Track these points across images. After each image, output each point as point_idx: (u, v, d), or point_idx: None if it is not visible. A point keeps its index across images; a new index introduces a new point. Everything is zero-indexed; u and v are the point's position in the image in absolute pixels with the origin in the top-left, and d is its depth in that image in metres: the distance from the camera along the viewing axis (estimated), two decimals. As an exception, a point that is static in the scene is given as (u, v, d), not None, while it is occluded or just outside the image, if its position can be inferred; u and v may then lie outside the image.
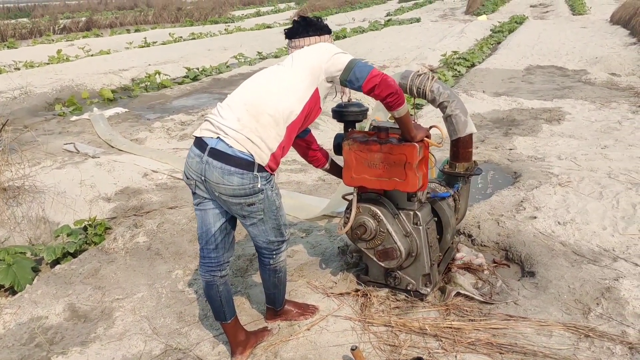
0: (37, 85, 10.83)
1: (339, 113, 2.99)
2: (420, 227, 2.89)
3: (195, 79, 11.42)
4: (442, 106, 3.29)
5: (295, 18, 2.68)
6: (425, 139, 2.78)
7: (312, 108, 2.50)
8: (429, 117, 7.38)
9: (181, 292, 3.44)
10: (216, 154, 2.34)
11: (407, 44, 16.91)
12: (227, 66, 12.87)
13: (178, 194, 5.06)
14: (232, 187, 2.34)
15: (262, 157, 2.37)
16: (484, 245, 3.75)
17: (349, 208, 3.01)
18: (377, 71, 2.41)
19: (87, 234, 4.39)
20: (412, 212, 2.90)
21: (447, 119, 3.30)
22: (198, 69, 12.16)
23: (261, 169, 2.38)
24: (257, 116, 2.36)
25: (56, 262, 4.07)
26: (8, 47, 18.06)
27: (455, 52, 13.17)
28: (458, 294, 3.02)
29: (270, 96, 2.40)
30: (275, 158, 2.43)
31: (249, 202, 2.40)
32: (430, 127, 3.01)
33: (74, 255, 4.12)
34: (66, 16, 31.28)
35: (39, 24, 24.24)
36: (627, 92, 8.63)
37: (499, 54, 13.39)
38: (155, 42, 17.86)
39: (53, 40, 20.00)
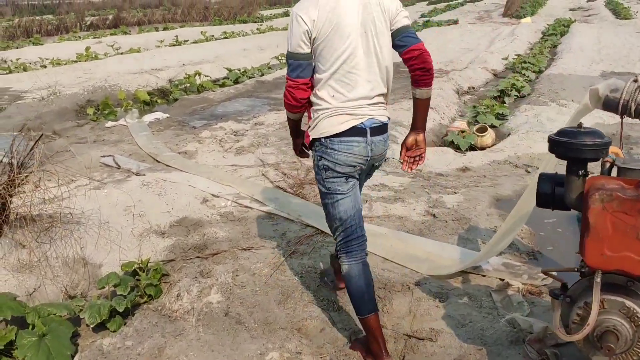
0: (65, 84, 9.91)
1: (565, 145, 1.91)
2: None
3: (237, 81, 10.41)
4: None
5: None
6: None
7: None
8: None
9: (288, 394, 2.38)
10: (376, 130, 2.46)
11: (455, 46, 15.82)
12: (269, 67, 11.86)
13: (250, 228, 4.01)
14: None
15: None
16: None
17: (572, 297, 1.93)
18: (423, 45, 2.40)
19: (139, 282, 3.37)
20: (687, 310, 1.80)
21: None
22: (239, 70, 11.14)
23: None
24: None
25: (101, 324, 3.05)
26: (33, 43, 17.25)
27: (518, 56, 12.02)
28: None
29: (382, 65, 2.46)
30: None
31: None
32: None
33: (124, 314, 3.11)
34: (91, 14, 30.58)
35: (65, 20, 23.49)
36: None
37: (565, 59, 12.18)
38: (186, 41, 16.91)
39: (80, 38, 19.18)
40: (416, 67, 2.37)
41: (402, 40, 2.39)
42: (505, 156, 5.41)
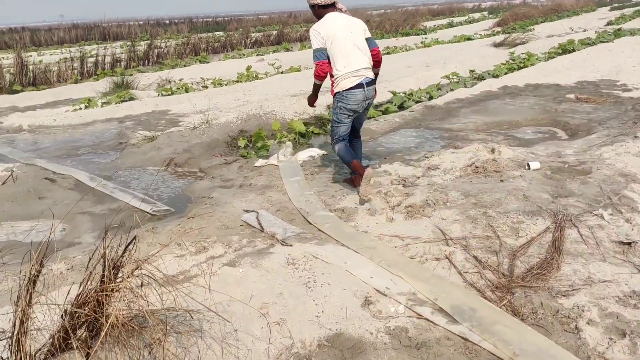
0: (222, 107, 9.41)
1: None
2: None
3: (402, 106, 9.14)
4: None
5: None
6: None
7: None
8: None
9: None
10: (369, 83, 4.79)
11: (668, 62, 13.04)
12: (439, 88, 10.41)
13: (433, 364, 2.68)
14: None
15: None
16: None
17: None
18: (378, 48, 4.94)
19: None
20: None
21: None
22: (404, 93, 9.87)
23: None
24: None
25: None
26: (200, 61, 17.60)
27: None
28: None
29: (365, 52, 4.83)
30: None
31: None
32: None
33: None
34: (258, 30, 31.44)
35: (232, 37, 24.09)
36: None
37: None
38: (347, 57, 16.07)
39: (244, 55, 19.32)
40: (375, 59, 4.88)
41: (370, 44, 4.86)
42: None
